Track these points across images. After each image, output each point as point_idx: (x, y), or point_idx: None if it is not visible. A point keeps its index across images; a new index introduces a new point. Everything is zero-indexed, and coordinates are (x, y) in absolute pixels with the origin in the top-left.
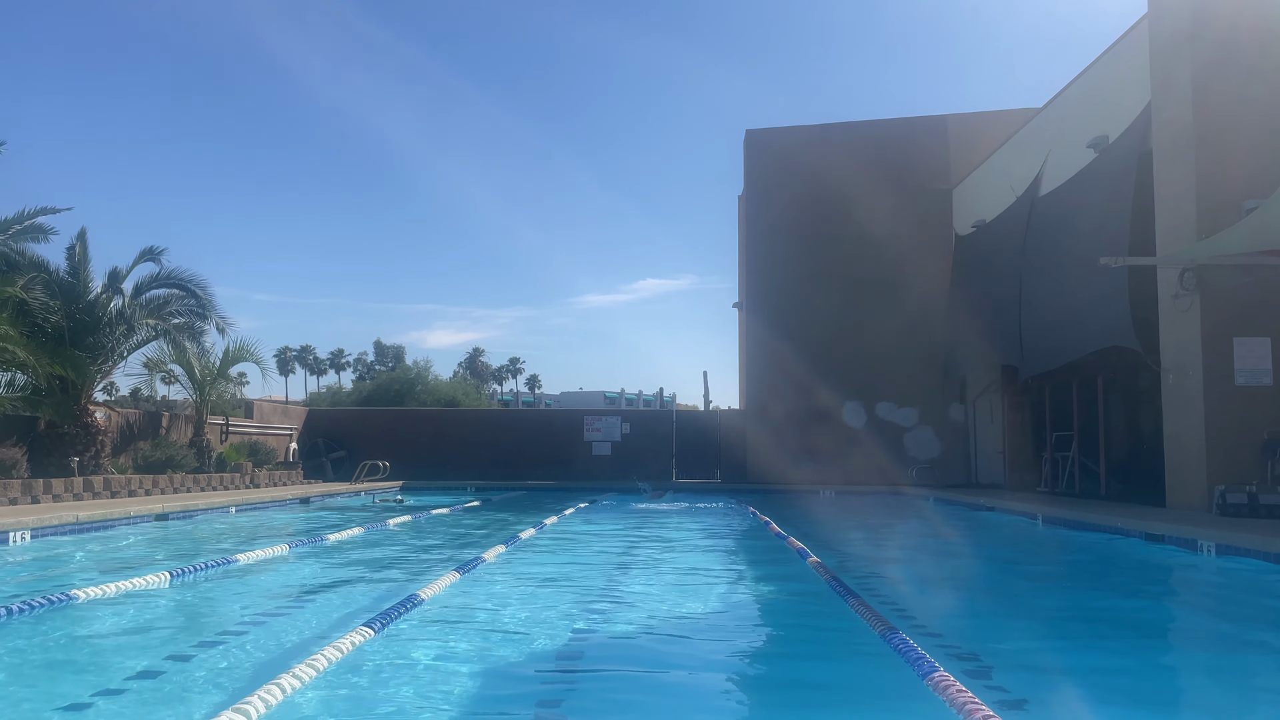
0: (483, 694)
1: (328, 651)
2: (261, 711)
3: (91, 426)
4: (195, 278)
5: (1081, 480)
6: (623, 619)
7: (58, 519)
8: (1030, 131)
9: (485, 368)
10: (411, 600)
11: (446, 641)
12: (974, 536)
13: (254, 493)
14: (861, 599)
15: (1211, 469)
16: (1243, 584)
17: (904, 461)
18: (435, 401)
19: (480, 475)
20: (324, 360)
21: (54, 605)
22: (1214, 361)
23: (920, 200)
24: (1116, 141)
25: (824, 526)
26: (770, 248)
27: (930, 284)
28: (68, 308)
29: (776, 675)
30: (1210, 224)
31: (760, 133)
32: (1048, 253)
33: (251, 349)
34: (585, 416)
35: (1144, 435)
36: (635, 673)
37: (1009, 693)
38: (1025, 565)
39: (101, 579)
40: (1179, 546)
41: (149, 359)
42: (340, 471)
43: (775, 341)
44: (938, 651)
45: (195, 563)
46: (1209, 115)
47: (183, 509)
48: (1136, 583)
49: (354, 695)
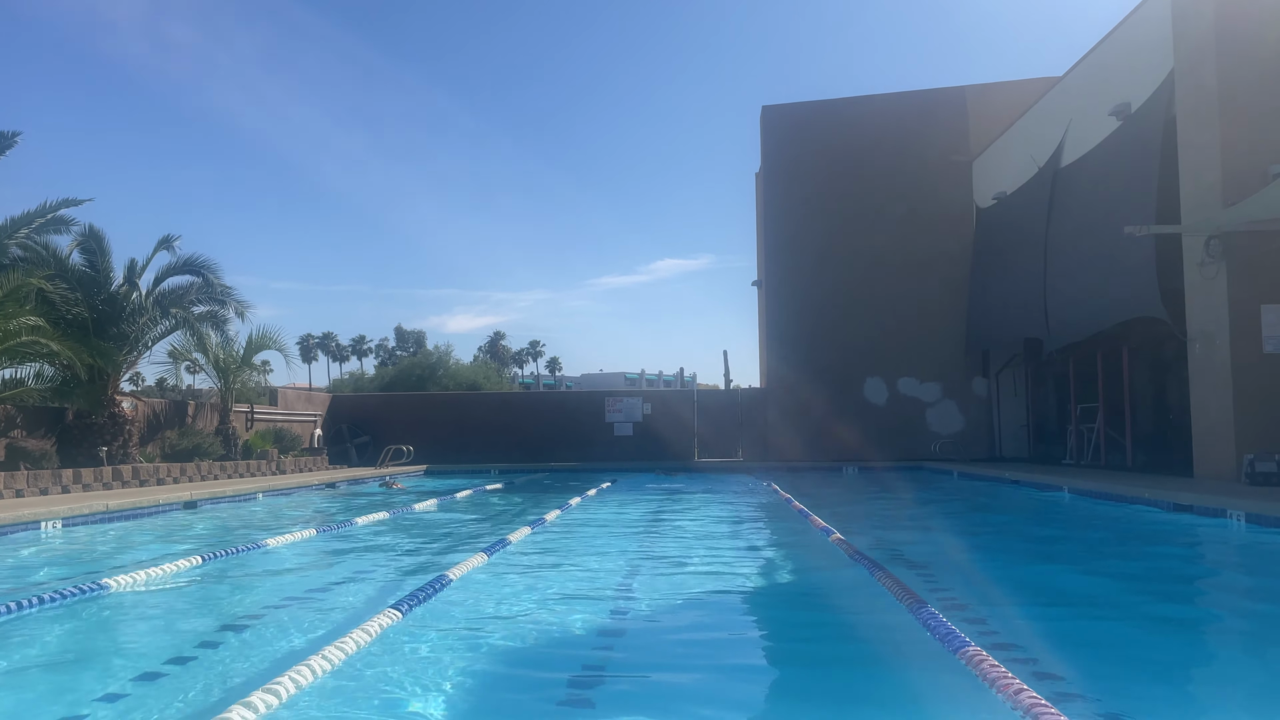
0: (510, 675)
1: (356, 634)
2: (291, 692)
3: (119, 416)
4: (211, 263)
5: (1107, 452)
6: (646, 598)
7: (88, 508)
8: (1051, 101)
9: (506, 351)
10: (440, 582)
11: (473, 623)
12: (999, 511)
13: (280, 479)
14: (889, 573)
15: (1240, 438)
16: (1273, 553)
17: (927, 437)
18: (457, 385)
19: (503, 458)
20: (346, 347)
21: (85, 595)
22: (1241, 329)
23: (940, 173)
24: (1141, 109)
25: (846, 503)
26: (788, 224)
27: (951, 258)
28: (89, 299)
29: (801, 653)
30: (1236, 190)
31: (777, 109)
32: (1073, 223)
33: (274, 336)
34: (606, 398)
35: (1170, 405)
36: (660, 653)
37: (1039, 665)
38: (1052, 539)
39: (133, 566)
40: (1207, 516)
41: (173, 348)
42: (365, 456)
43: (795, 319)
44: (966, 626)
45: (225, 548)
46: (1233, 80)
47: (211, 496)
48: (1164, 554)
49: (380, 678)
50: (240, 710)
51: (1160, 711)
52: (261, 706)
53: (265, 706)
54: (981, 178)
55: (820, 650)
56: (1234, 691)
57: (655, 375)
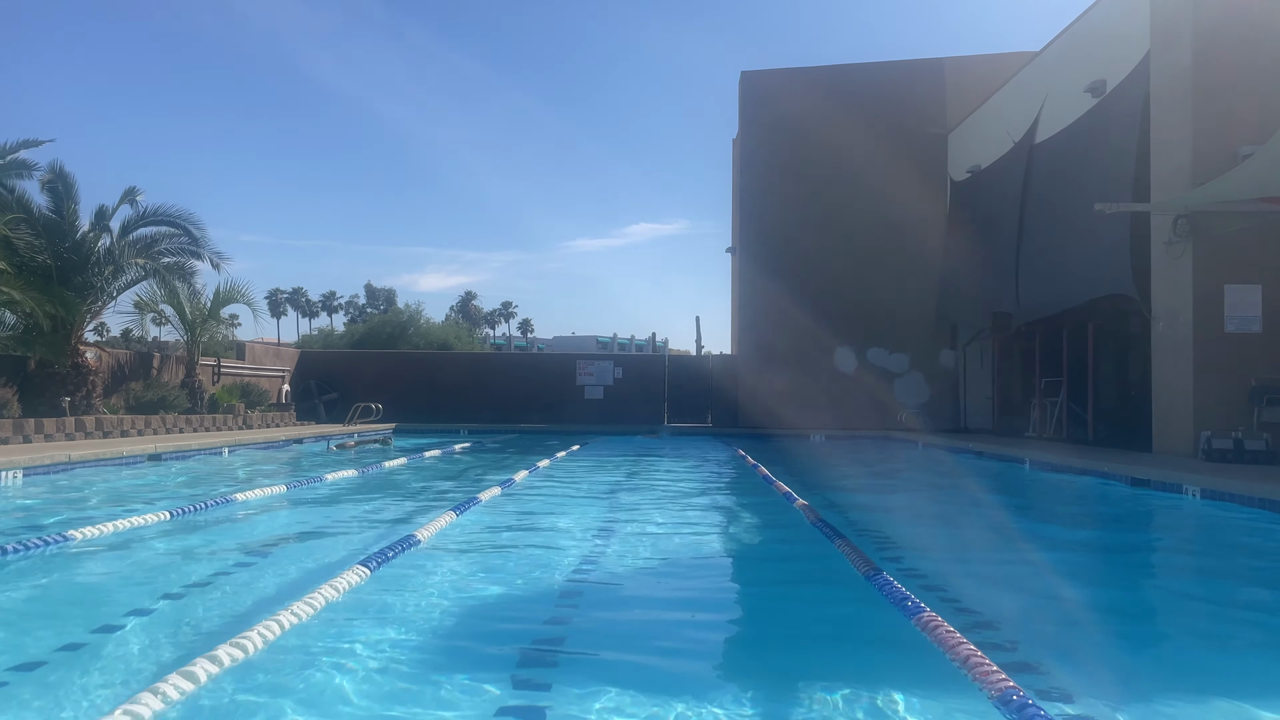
0: (476, 631)
1: (324, 590)
2: (259, 647)
3: (82, 367)
4: (185, 213)
5: (1070, 426)
6: (608, 560)
7: (50, 458)
8: (1027, 76)
9: (478, 311)
10: (407, 541)
11: (441, 580)
12: (961, 480)
13: (247, 434)
14: (847, 540)
15: (1198, 415)
16: (1226, 527)
17: (894, 406)
18: (428, 345)
19: (473, 418)
20: (316, 303)
21: (48, 546)
22: (1204, 308)
23: (916, 145)
24: (1120, 87)
25: (812, 470)
26: (764, 192)
27: (924, 230)
28: (54, 246)
29: (760, 616)
30: (1205, 170)
31: (756, 74)
32: (1047, 199)
33: (243, 290)
34: (578, 361)
35: (1132, 382)
36: (620, 614)
37: (998, 631)
38: (1012, 509)
39: (96, 518)
40: (1164, 491)
41: (139, 299)
42: (333, 413)
43: (768, 286)
44: (924, 594)
45: (190, 502)
46: (1209, 61)
47: (176, 449)
48: (1121, 526)
49: (349, 632)
50: (205, 664)
51: (1101, 678)
52: (227, 660)
53: (231, 660)
54: (957, 150)
55: (778, 614)
56: (1175, 659)
57: (627, 340)
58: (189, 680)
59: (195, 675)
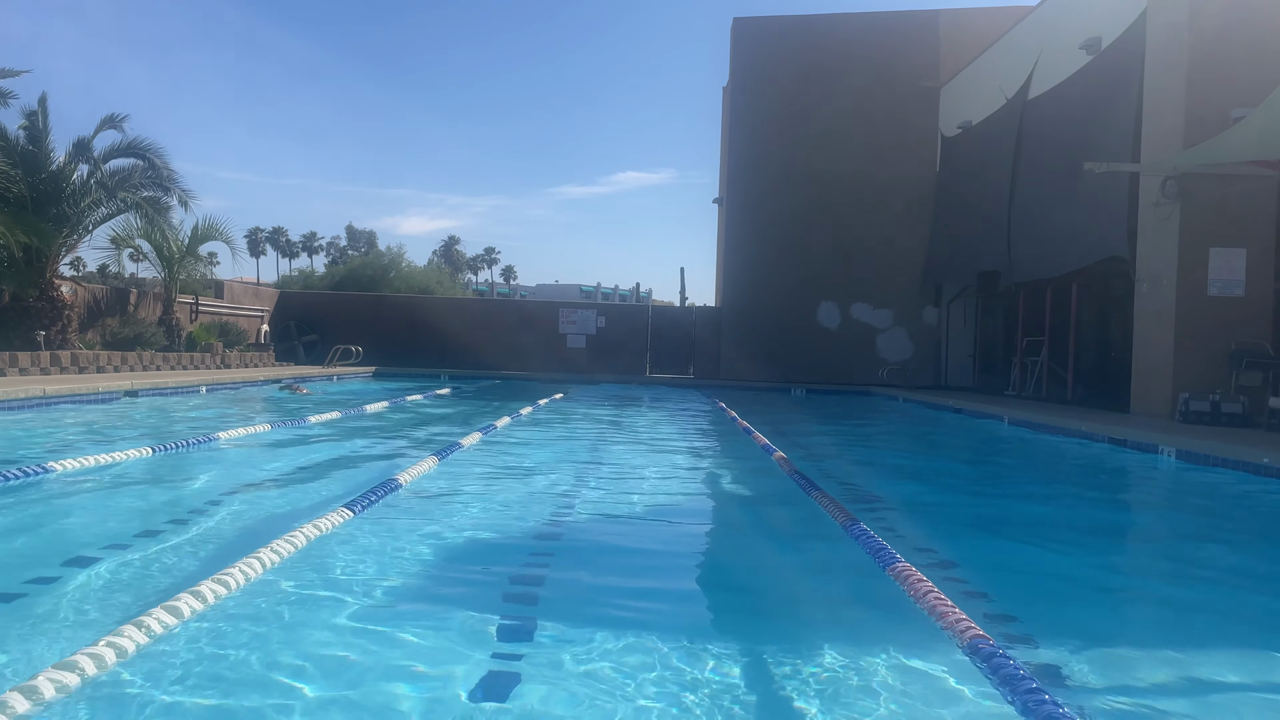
0: (454, 576)
1: (306, 529)
2: (241, 584)
3: (58, 301)
4: (155, 147)
5: (1049, 385)
6: (586, 507)
7: (24, 392)
8: (1022, 31)
9: (460, 256)
10: (389, 485)
11: (420, 523)
12: (939, 436)
13: (225, 373)
14: (824, 492)
15: (1177, 377)
16: (1199, 488)
17: (876, 362)
18: (409, 289)
19: (454, 364)
20: (296, 243)
21: (24, 479)
22: (1189, 271)
23: (908, 98)
24: (1115, 45)
25: (791, 423)
26: (754, 141)
27: (912, 185)
28: (30, 177)
29: (736, 564)
30: (1196, 132)
31: (748, 21)
32: (1040, 157)
33: (221, 228)
34: (561, 309)
35: (1113, 343)
36: (597, 559)
37: (967, 585)
38: (988, 465)
39: (71, 452)
40: (1140, 451)
41: (116, 234)
42: (312, 355)
43: (754, 239)
44: (898, 543)
45: (169, 440)
46: (1204, 21)
47: (153, 386)
48: (1096, 484)
49: (330, 574)
50: (189, 599)
51: (1067, 630)
52: (210, 596)
53: (214, 596)
54: (949, 106)
55: (754, 562)
56: (1139, 616)
57: (611, 289)
58: (172, 614)
59: (179, 610)
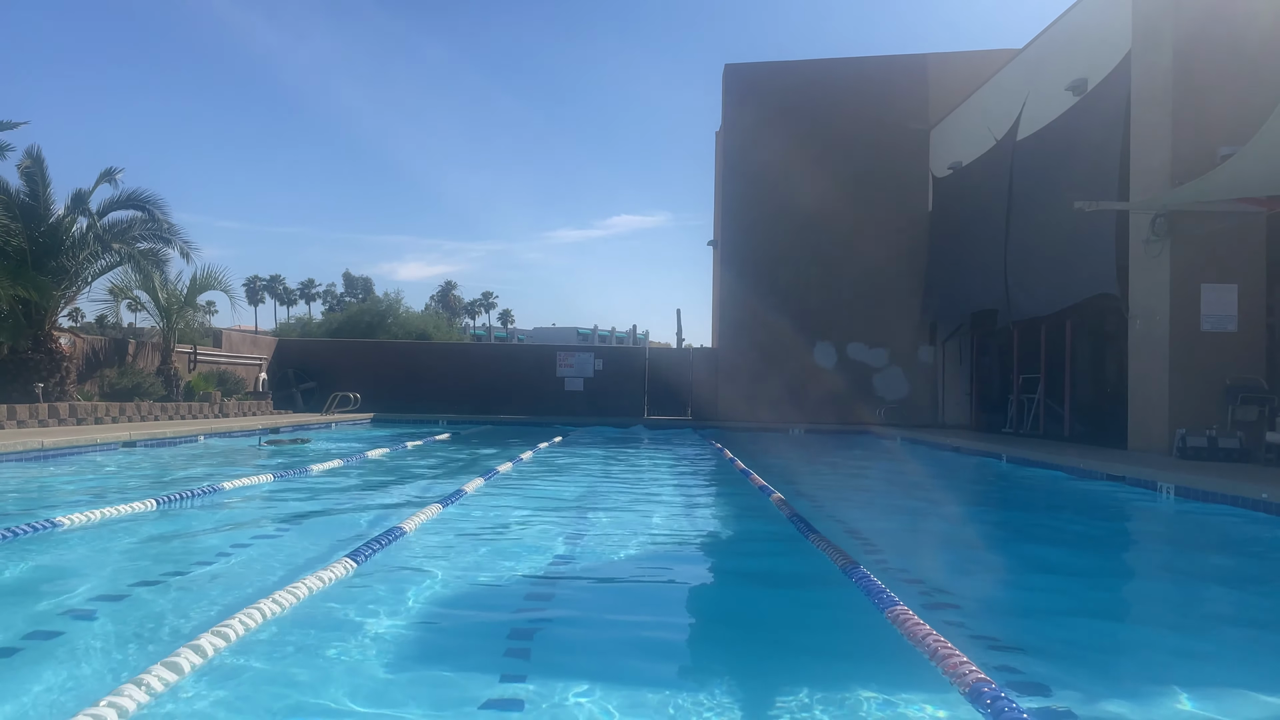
0: (456, 623)
1: (308, 580)
2: (240, 634)
3: (56, 353)
4: (156, 199)
5: (1046, 422)
6: (589, 556)
7: (22, 445)
8: (1008, 74)
9: (457, 301)
10: (393, 533)
11: (423, 571)
12: (938, 475)
13: (223, 422)
14: (821, 535)
15: (1173, 413)
16: (1198, 524)
17: (873, 401)
18: (406, 334)
19: (452, 409)
20: (294, 290)
21: (18, 536)
22: (1181, 307)
23: (898, 140)
24: (1101, 86)
25: (790, 464)
26: (746, 184)
27: (904, 225)
28: (29, 230)
29: (734, 609)
30: (1184, 170)
31: (740, 68)
32: (1031, 197)
33: (219, 277)
34: (558, 352)
35: (1109, 379)
36: (601, 606)
37: (968, 629)
38: (987, 503)
39: (69, 506)
40: (1139, 487)
41: (114, 285)
42: (310, 402)
43: (749, 280)
44: (897, 585)
45: (170, 491)
46: (1189, 60)
47: (151, 437)
48: (1096, 522)
49: (330, 624)
50: (188, 653)
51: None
52: (210, 649)
53: (213, 650)
54: (939, 147)
55: (753, 607)
56: (1143, 654)
57: (608, 332)
58: (172, 671)
59: (179, 665)
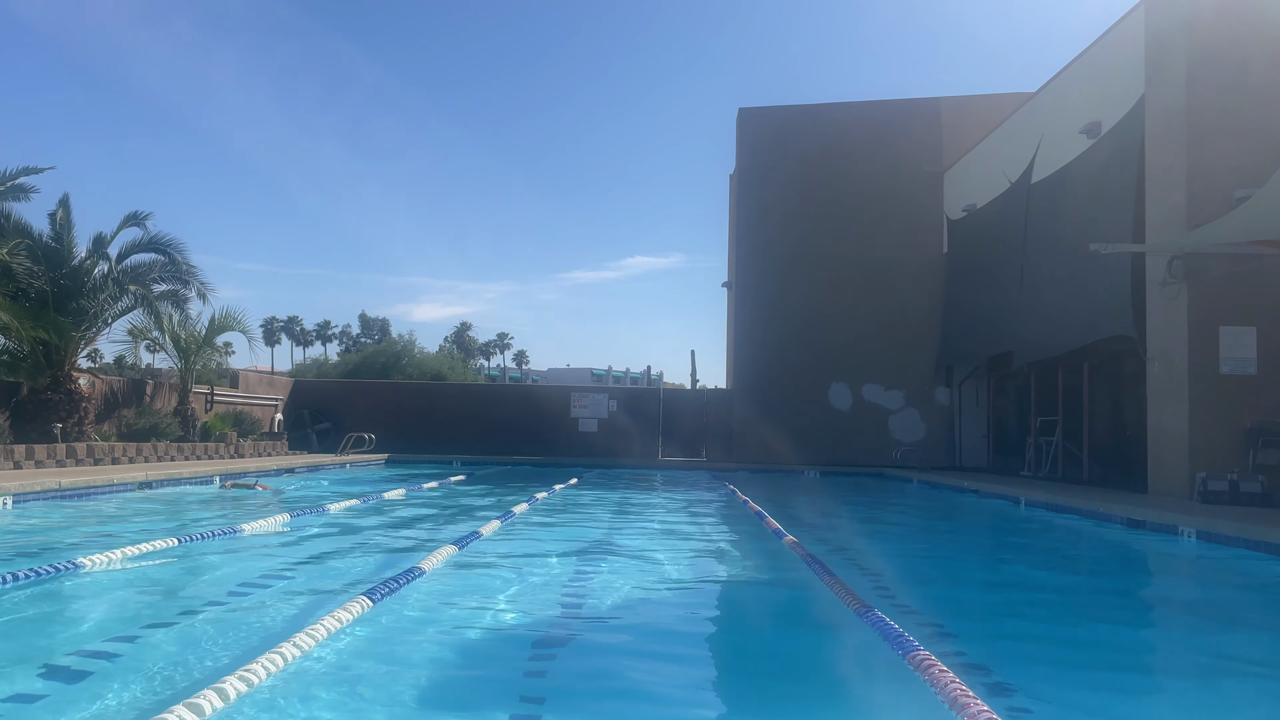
0: (473, 664)
1: (327, 621)
2: (262, 678)
3: (75, 393)
4: (176, 242)
5: (1065, 465)
6: (603, 596)
7: (40, 485)
8: (1023, 117)
9: (472, 342)
10: (410, 573)
11: (439, 612)
12: (956, 518)
13: (239, 463)
14: (837, 578)
15: (1194, 456)
16: (1221, 569)
17: (889, 444)
18: (421, 375)
19: (466, 449)
20: (310, 331)
21: (39, 578)
22: (1199, 350)
23: (912, 183)
24: (1115, 129)
25: (803, 507)
26: (761, 227)
27: (919, 267)
28: (51, 273)
29: (749, 653)
30: (1200, 212)
31: (754, 111)
32: (1046, 240)
33: (237, 318)
34: (572, 393)
35: (1127, 422)
36: (616, 650)
37: (990, 674)
38: (1006, 547)
39: (86, 547)
40: (1160, 532)
41: (133, 326)
42: (325, 443)
43: (763, 321)
44: (917, 630)
45: (185, 533)
46: (1201, 103)
47: (166, 477)
48: (1117, 567)
49: (349, 664)
50: (211, 695)
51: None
52: (233, 693)
53: (236, 693)
54: (953, 189)
55: (769, 650)
56: (1166, 701)
57: (622, 373)
58: (195, 713)
59: (200, 708)
